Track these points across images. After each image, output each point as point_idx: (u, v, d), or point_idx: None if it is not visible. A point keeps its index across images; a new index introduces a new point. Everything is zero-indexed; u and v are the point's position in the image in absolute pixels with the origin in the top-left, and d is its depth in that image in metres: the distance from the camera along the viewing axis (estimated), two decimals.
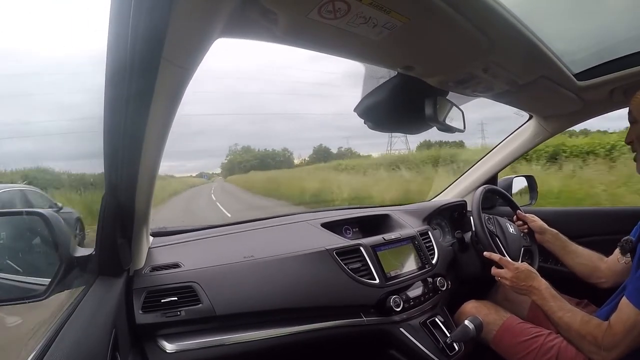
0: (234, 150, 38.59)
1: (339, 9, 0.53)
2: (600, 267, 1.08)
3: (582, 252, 1.13)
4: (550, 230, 1.20)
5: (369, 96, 0.92)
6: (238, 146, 39.69)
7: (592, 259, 1.11)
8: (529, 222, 1.25)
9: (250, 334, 0.86)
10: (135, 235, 0.80)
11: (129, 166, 0.65)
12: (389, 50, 0.72)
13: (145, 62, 0.50)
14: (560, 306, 0.88)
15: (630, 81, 1.05)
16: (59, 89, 24.06)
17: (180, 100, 0.60)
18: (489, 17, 0.65)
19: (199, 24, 0.50)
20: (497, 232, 1.21)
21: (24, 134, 16.06)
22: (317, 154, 32.16)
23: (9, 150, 12.95)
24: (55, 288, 0.65)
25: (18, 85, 22.69)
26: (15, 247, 0.75)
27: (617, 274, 1.02)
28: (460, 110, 1.01)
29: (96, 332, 0.58)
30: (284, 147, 42.30)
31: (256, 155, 36.24)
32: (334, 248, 1.04)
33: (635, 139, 0.86)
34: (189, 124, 31.25)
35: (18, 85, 23.10)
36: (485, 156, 1.66)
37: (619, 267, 1.01)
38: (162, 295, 0.82)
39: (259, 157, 35.91)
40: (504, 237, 1.21)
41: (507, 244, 1.19)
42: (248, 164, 34.03)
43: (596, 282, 1.08)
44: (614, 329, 0.77)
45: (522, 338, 0.99)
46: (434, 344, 1.02)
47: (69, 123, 17.92)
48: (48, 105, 20.27)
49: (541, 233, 1.21)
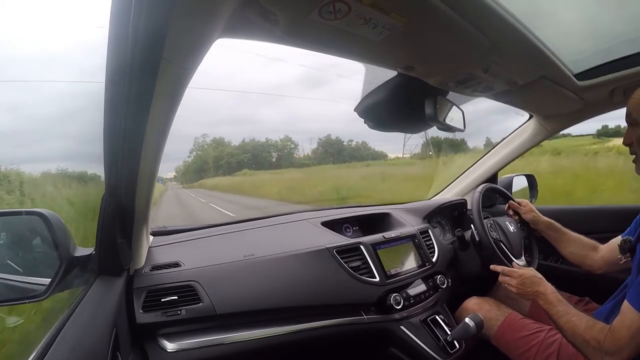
0: (201, 144, 30.75)
1: (339, 10, 0.53)
2: (592, 256, 1.10)
3: (575, 240, 1.15)
4: (542, 221, 1.21)
5: (369, 96, 0.92)
6: (207, 138, 32.62)
7: (585, 247, 1.12)
8: (521, 213, 1.26)
9: (250, 332, 0.86)
10: (135, 234, 0.80)
11: (129, 166, 0.65)
12: (390, 51, 0.72)
13: (145, 62, 0.50)
14: (566, 310, 0.88)
15: (631, 81, 1.05)
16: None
17: (180, 100, 0.60)
18: (489, 17, 0.65)
19: (200, 25, 0.50)
20: (501, 237, 1.21)
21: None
22: (326, 147, 26.24)
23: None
24: (55, 288, 0.65)
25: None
26: (15, 247, 0.75)
27: (611, 264, 1.04)
28: (460, 109, 1.01)
29: (97, 331, 0.58)
30: (285, 135, 35.18)
31: (245, 149, 28.12)
32: (334, 246, 1.04)
33: (635, 141, 0.85)
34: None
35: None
36: (486, 155, 1.66)
37: (612, 259, 1.02)
38: (163, 294, 0.82)
39: (250, 150, 27.93)
40: (506, 239, 1.21)
41: (511, 247, 1.20)
42: (234, 159, 26.83)
43: (588, 269, 1.11)
44: (617, 334, 0.77)
45: (524, 333, 1.00)
46: (435, 341, 1.03)
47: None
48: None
49: (534, 224, 1.23)
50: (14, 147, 10.17)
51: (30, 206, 1.44)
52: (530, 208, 1.25)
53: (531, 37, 0.77)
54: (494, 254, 1.13)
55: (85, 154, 3.77)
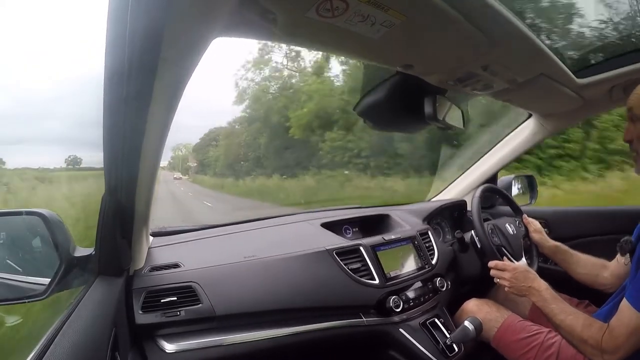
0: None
1: (337, 8, 0.53)
2: (602, 274, 1.07)
3: (585, 262, 1.12)
4: (549, 245, 1.18)
5: (368, 95, 0.93)
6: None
7: (595, 267, 1.09)
8: (530, 232, 1.24)
9: (250, 334, 0.86)
10: (135, 235, 0.80)
11: (129, 166, 0.65)
12: (388, 49, 0.72)
13: (143, 62, 0.50)
14: (561, 308, 0.88)
15: (630, 78, 1.05)
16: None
17: (179, 99, 0.61)
18: (488, 14, 0.65)
19: (198, 24, 0.50)
20: (502, 241, 1.20)
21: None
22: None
23: None
24: (55, 288, 0.65)
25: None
26: (15, 247, 0.75)
27: (621, 278, 1.00)
28: (459, 108, 1.01)
29: (96, 332, 0.58)
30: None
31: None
32: (333, 248, 1.04)
33: (635, 138, 0.84)
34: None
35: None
36: (485, 155, 1.66)
37: (622, 272, 1.00)
38: (162, 295, 0.82)
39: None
40: (507, 243, 1.20)
41: (512, 250, 1.19)
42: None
43: (601, 288, 1.07)
44: (615, 332, 0.77)
45: (523, 335, 0.99)
46: (434, 344, 1.02)
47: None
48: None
49: (540, 247, 1.21)
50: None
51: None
52: (539, 229, 1.23)
53: (530, 34, 0.77)
54: (496, 260, 1.12)
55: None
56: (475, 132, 3.24)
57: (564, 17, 0.92)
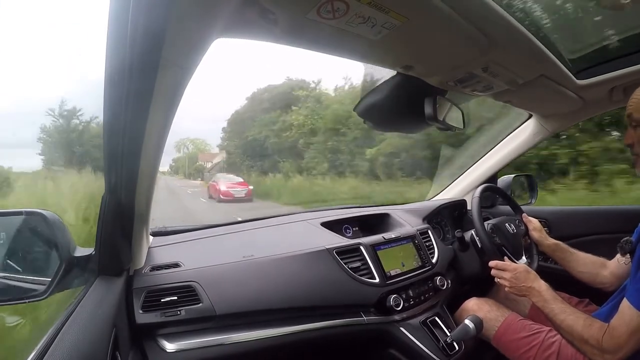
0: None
1: (337, 9, 0.54)
2: (602, 273, 1.08)
3: (584, 260, 1.12)
4: (548, 243, 1.18)
5: (368, 96, 0.93)
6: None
7: (595, 266, 1.09)
8: (529, 230, 1.24)
9: (250, 333, 0.86)
10: (135, 234, 0.80)
11: (129, 166, 0.65)
12: (389, 50, 0.72)
13: (144, 62, 0.50)
14: (561, 308, 0.88)
15: (630, 80, 1.05)
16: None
17: (180, 99, 0.61)
18: (488, 16, 0.65)
19: (199, 24, 0.50)
20: (502, 241, 1.20)
21: None
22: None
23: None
24: (55, 288, 0.65)
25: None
26: (15, 247, 0.75)
27: (621, 278, 1.01)
28: (459, 109, 1.01)
29: (96, 331, 0.58)
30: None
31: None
32: (334, 247, 1.04)
33: (635, 142, 0.84)
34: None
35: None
36: (485, 155, 1.66)
37: (621, 271, 1.01)
38: (162, 294, 0.82)
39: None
40: (508, 242, 1.20)
41: (513, 250, 1.19)
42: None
43: (600, 287, 1.08)
44: (616, 332, 0.77)
45: (524, 334, 1.00)
46: (434, 343, 1.02)
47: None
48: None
49: (540, 245, 1.21)
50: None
51: None
52: (538, 227, 1.23)
53: (530, 35, 0.77)
54: (497, 259, 1.12)
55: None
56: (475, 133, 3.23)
57: (564, 18, 0.92)
